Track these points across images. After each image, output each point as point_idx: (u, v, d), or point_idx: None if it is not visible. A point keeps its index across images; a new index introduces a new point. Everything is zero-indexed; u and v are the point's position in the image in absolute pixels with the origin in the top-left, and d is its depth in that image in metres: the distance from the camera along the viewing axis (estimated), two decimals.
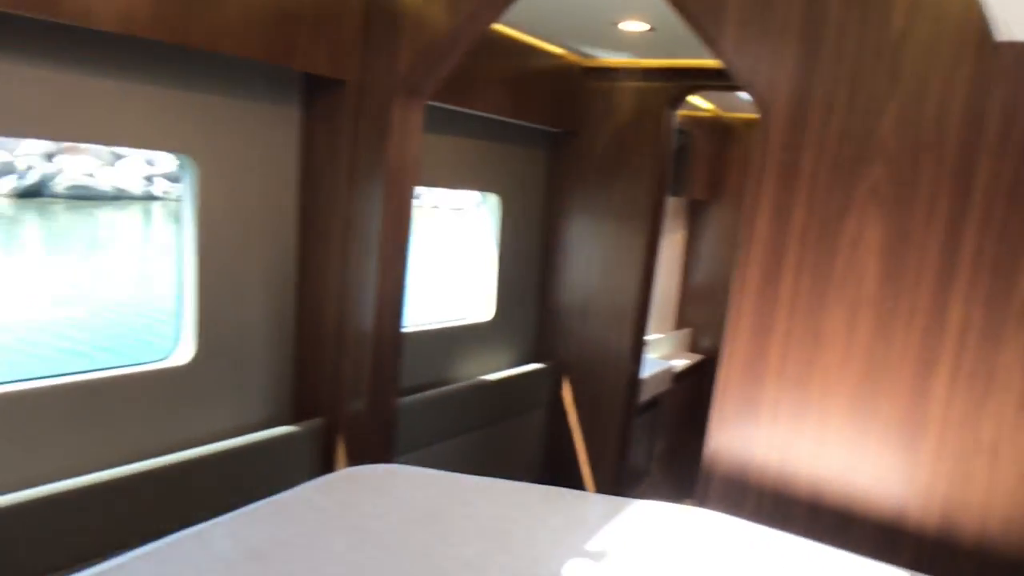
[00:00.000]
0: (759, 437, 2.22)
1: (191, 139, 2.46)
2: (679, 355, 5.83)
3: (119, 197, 26.19)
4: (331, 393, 2.91)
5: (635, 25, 3.16)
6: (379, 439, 2.99)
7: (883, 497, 2.08)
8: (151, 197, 27.02)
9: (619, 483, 4.29)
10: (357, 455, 2.91)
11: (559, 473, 4.39)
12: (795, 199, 2.12)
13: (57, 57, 2.09)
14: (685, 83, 3.89)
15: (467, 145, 3.65)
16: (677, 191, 5.10)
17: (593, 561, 1.77)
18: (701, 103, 5.10)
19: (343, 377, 2.89)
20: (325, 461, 2.94)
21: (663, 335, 5.71)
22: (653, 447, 5.32)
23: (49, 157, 25.22)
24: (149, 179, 27.23)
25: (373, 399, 2.88)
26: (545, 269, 4.31)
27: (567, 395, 4.34)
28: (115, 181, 26.33)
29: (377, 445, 2.98)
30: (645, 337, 4.25)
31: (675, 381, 5.34)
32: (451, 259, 20.49)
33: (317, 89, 2.77)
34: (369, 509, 1.93)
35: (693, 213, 5.86)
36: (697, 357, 5.86)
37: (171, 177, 27.47)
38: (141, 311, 14.47)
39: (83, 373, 2.32)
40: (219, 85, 2.51)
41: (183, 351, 2.59)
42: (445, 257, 20.80)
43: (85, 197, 25.32)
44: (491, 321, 4.03)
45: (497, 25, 3.38)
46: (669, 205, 4.37)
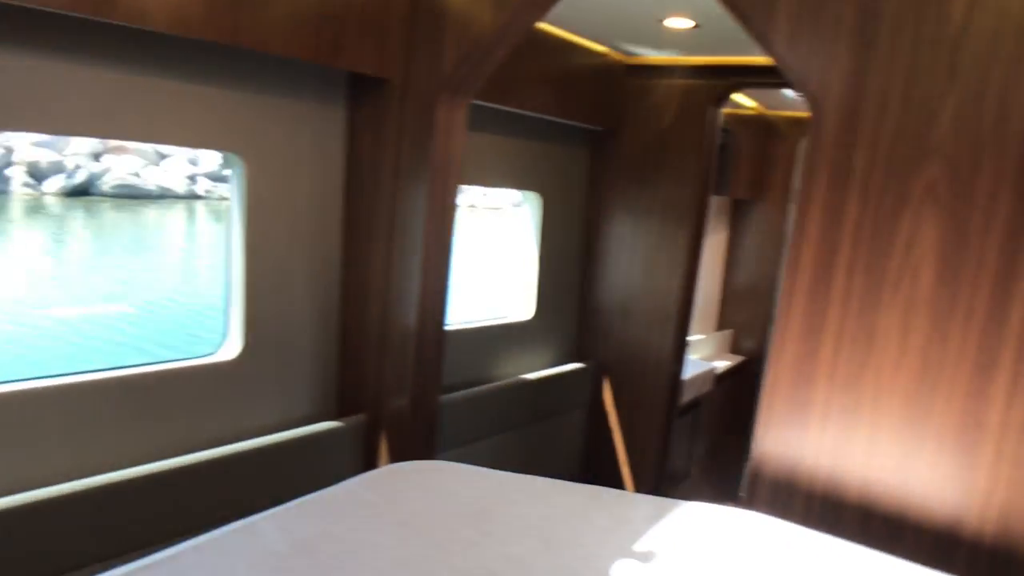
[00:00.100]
0: (809, 439, 2.18)
1: (240, 138, 2.50)
2: (720, 356, 5.76)
3: (163, 196, 26.78)
4: (374, 389, 2.93)
5: (680, 22, 3.13)
6: (421, 436, 3.00)
7: (938, 503, 2.02)
8: (194, 196, 27.58)
9: (659, 485, 4.24)
10: (399, 451, 2.93)
11: (598, 474, 4.36)
12: (847, 198, 2.08)
13: (112, 57, 2.13)
14: (730, 80, 3.84)
15: (509, 143, 3.65)
16: (719, 190, 5.03)
17: (641, 562, 1.75)
18: (744, 101, 5.03)
19: (386, 374, 2.91)
20: (367, 457, 2.96)
21: (704, 336, 5.65)
22: (693, 449, 5.27)
23: (96, 157, 25.89)
24: (192, 178, 27.79)
25: (416, 396, 2.89)
26: (586, 268, 4.29)
27: (607, 395, 4.32)
28: (160, 180, 26.93)
29: (419, 442, 2.99)
30: (687, 338, 4.21)
31: (716, 383, 5.28)
32: (489, 259, 20.52)
33: (362, 88, 2.79)
34: (416, 505, 1.94)
35: (735, 212, 5.79)
36: (738, 359, 5.79)
37: (213, 176, 28.00)
38: (188, 307, 14.77)
39: (134, 367, 2.36)
40: (267, 84, 2.54)
41: (230, 346, 2.63)
42: (483, 257, 20.84)
43: (131, 196, 25.94)
44: (531, 320, 4.02)
45: (539, 23, 3.37)
46: (712, 204, 4.32)
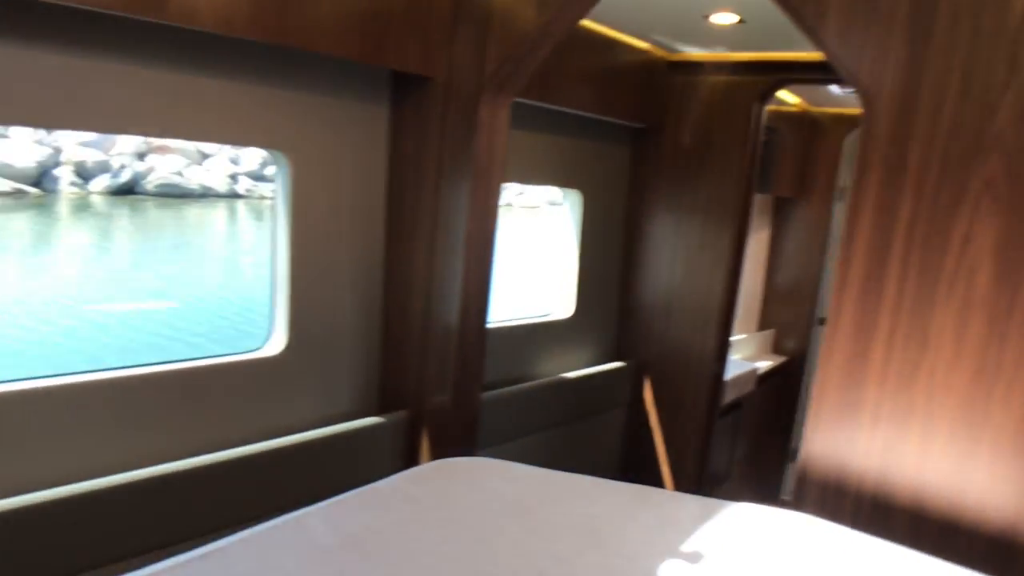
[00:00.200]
0: (859, 441, 2.13)
1: (286, 136, 2.53)
2: (762, 356, 5.68)
3: (205, 195, 27.28)
4: (416, 386, 2.95)
5: (725, 17, 3.09)
6: (462, 433, 3.01)
7: (994, 509, 1.96)
8: (235, 195, 28.05)
9: (700, 486, 4.20)
10: (440, 448, 2.94)
11: (638, 473, 4.33)
12: (901, 195, 2.03)
13: (161, 57, 2.17)
14: (776, 77, 3.78)
15: (550, 141, 3.64)
16: (762, 188, 4.95)
17: (688, 563, 1.73)
18: (788, 97, 4.95)
19: (428, 371, 2.92)
20: (409, 453, 2.98)
21: (746, 336, 5.57)
22: (734, 450, 5.20)
23: (141, 156, 26.47)
24: (234, 177, 28.26)
25: (457, 393, 2.90)
26: (626, 267, 4.26)
27: (647, 395, 4.29)
28: (202, 179, 27.44)
29: (460, 438, 3.00)
30: (730, 338, 4.16)
31: (758, 383, 5.21)
32: (528, 257, 20.52)
33: (405, 87, 2.80)
34: (462, 501, 1.95)
35: (778, 211, 5.69)
36: (780, 359, 5.69)
37: (254, 175, 28.45)
38: (233, 303, 15.04)
39: (180, 362, 2.40)
40: (312, 83, 2.57)
41: (275, 342, 2.66)
42: (521, 255, 20.84)
43: (174, 195, 26.48)
44: (571, 318, 4.00)
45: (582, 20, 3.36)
46: (754, 202, 4.27)
